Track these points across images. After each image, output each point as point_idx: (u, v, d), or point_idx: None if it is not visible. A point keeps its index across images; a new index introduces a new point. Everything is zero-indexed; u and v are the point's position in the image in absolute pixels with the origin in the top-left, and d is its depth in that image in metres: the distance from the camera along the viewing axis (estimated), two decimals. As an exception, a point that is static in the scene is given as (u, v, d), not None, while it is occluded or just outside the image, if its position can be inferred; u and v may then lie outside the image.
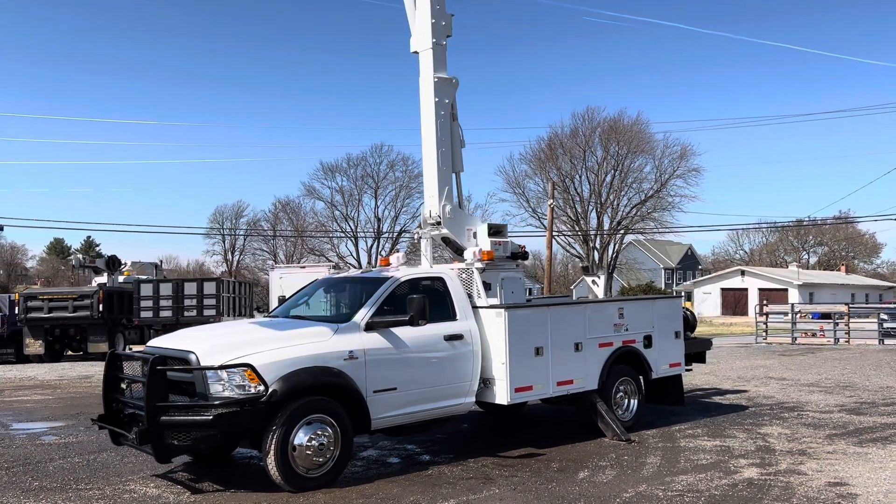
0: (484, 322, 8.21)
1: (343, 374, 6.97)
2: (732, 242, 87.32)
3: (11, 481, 7.18)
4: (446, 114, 9.62)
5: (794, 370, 16.55)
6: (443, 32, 9.68)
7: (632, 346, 9.45)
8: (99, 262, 25.88)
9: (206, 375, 6.48)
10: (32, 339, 22.10)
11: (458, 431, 9.62)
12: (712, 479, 6.92)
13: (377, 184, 63.56)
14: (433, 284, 8.18)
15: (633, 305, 9.75)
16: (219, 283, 23.47)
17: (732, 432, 9.19)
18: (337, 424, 6.84)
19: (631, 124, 57.14)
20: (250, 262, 71.89)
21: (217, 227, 71.15)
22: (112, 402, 7.19)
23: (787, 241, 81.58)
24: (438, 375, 7.74)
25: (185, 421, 6.38)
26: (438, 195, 9.29)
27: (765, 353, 21.76)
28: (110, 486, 6.93)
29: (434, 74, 9.46)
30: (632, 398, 9.49)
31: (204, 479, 7.19)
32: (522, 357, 8.19)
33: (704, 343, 11.33)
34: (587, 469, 7.38)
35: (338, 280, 8.77)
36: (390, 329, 7.41)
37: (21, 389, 15.32)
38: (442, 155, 9.47)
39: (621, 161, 56.80)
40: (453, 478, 7.12)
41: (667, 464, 7.56)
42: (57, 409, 12.10)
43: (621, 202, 57.51)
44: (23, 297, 22.21)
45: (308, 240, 64.37)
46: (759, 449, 8.22)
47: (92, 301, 21.95)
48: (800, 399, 11.99)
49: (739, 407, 11.23)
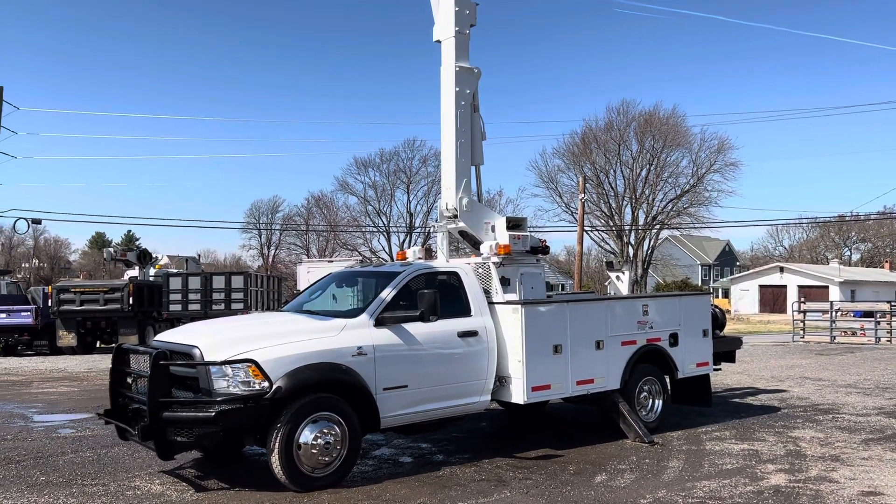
0: (500, 318, 7.94)
1: (351, 370, 6.76)
2: (772, 238, 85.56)
3: (19, 475, 7.12)
4: (467, 104, 9.36)
5: (831, 370, 15.96)
6: (466, 21, 9.43)
7: (656, 345, 9.10)
8: (130, 255, 26.11)
9: (210, 371, 6.32)
10: (65, 332, 22.35)
11: (477, 430, 9.37)
12: (737, 485, 6.57)
13: (409, 178, 63.46)
14: (447, 279, 7.93)
15: (658, 302, 9.39)
16: (246, 276, 23.52)
17: (762, 435, 8.79)
18: (344, 423, 6.63)
19: (667, 117, 56.11)
20: (285, 257, 72.47)
21: (253, 221, 71.83)
22: (118, 397, 7.08)
23: (828, 237, 79.47)
24: (451, 373, 7.49)
25: (188, 417, 6.22)
26: (456, 187, 9.03)
27: (802, 352, 21.10)
28: (115, 482, 6.82)
29: (455, 63, 9.22)
30: (656, 398, 9.14)
31: (211, 477, 7.05)
32: (540, 355, 7.90)
33: (734, 342, 10.91)
34: (605, 472, 7.07)
35: (350, 274, 8.56)
36: (401, 325, 7.18)
37: (49, 381, 15.47)
38: (461, 146, 9.21)
39: (657, 155, 55.82)
40: (465, 479, 6.88)
41: (689, 468, 7.22)
42: (79, 402, 12.13)
43: (657, 197, 56.57)
44: (55, 290, 22.47)
45: (340, 234, 64.59)
46: (789, 454, 7.83)
47: (122, 294, 22.12)
48: (836, 401, 11.50)
49: (771, 408, 10.79)
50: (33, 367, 18.74)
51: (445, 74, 9.35)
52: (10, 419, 10.40)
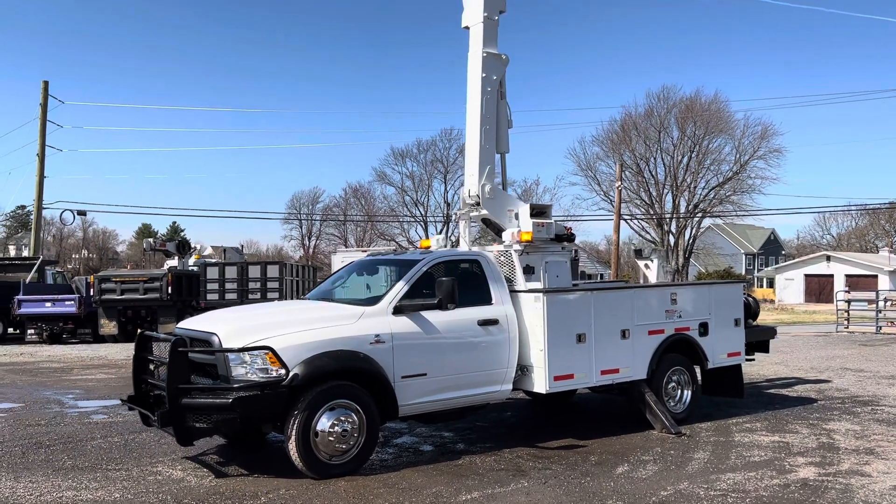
0: (522, 307, 7.83)
1: (369, 358, 6.73)
2: (819, 227, 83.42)
3: (47, 459, 7.27)
4: (493, 90, 9.24)
5: (874, 361, 15.47)
6: (495, 7, 9.32)
7: (685, 334, 8.89)
8: (169, 245, 26.55)
9: (228, 358, 6.35)
10: (107, 320, 22.84)
11: (501, 420, 9.29)
12: (762, 478, 6.38)
13: (446, 168, 63.35)
14: (468, 267, 7.85)
15: (687, 291, 9.18)
16: (281, 266, 23.72)
17: (795, 427, 8.54)
18: (362, 410, 6.61)
19: (708, 103, 54.94)
20: (325, 247, 73.10)
21: (294, 212, 72.57)
22: (141, 384, 7.17)
23: (878, 224, 77.11)
24: (471, 361, 7.41)
25: (205, 403, 6.27)
26: (479, 174, 8.93)
27: (845, 342, 20.51)
28: (139, 468, 6.92)
29: (483, 49, 9.13)
30: (685, 389, 8.95)
31: (232, 463, 7.11)
32: (562, 344, 7.78)
33: (767, 332, 10.62)
34: (627, 463, 6.94)
35: (371, 262, 8.53)
36: (420, 313, 7.13)
37: (89, 368, 15.81)
38: (485, 133, 9.11)
39: (698, 142, 54.71)
40: (483, 468, 6.81)
41: (715, 460, 7.04)
42: (115, 389, 12.35)
43: (698, 185, 55.51)
44: (97, 280, 22.96)
45: (378, 225, 64.88)
46: (821, 446, 7.58)
47: (161, 284, 22.49)
48: (876, 392, 11.13)
49: (807, 400, 10.49)
50: (76, 354, 19.19)
51: (473, 60, 9.25)
52: (46, 405, 10.65)
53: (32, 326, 23.09)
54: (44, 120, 31.37)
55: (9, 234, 77.89)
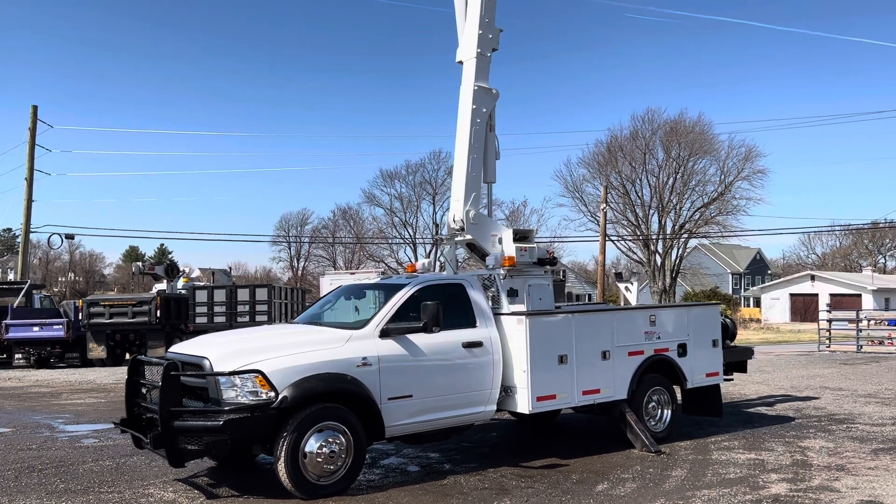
0: (505, 329, 8.08)
1: (356, 380, 6.94)
2: (804, 246, 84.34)
3: (40, 483, 7.41)
4: (482, 122, 9.57)
5: (852, 380, 15.78)
6: (488, 45, 9.70)
7: (664, 355, 9.15)
8: (158, 269, 26.56)
9: (219, 381, 6.54)
10: (95, 344, 22.85)
11: (486, 440, 9.49)
12: (736, 494, 6.62)
13: (435, 190, 63.73)
14: (452, 291, 8.07)
15: (665, 313, 9.45)
16: (270, 289, 23.86)
17: (771, 445, 8.79)
18: (349, 432, 6.81)
19: (693, 125, 55.75)
20: (314, 269, 73.11)
21: (283, 234, 72.64)
22: (134, 407, 7.34)
23: (861, 244, 78.15)
24: (456, 383, 7.63)
25: (196, 426, 6.45)
26: (464, 199, 9.20)
27: (826, 361, 20.84)
28: (130, 490, 7.07)
29: (475, 83, 9.49)
30: (665, 408, 9.18)
31: (223, 485, 7.27)
32: (545, 365, 8.01)
33: (745, 352, 10.90)
34: (607, 481, 7.15)
35: (358, 286, 8.77)
36: (406, 336, 7.35)
37: (77, 392, 15.87)
38: (472, 161, 9.40)
39: (683, 163, 55.42)
40: (468, 488, 7.01)
41: (692, 477, 7.28)
42: (105, 413, 12.45)
43: (684, 205, 56.15)
44: (86, 304, 23.00)
45: (367, 246, 65.05)
46: (794, 463, 7.83)
47: (150, 307, 22.56)
48: (852, 411, 11.41)
49: (785, 418, 10.75)
50: (64, 378, 19.21)
51: (464, 92, 9.61)
52: (36, 429, 10.75)
53: (20, 351, 23.04)
54: (32, 144, 31.48)
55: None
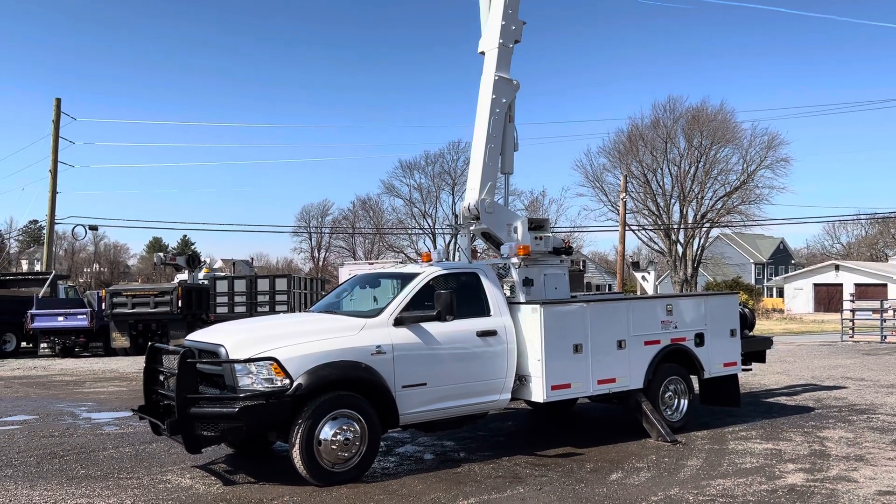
0: (520, 318, 8.07)
1: (370, 368, 6.98)
2: (828, 236, 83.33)
3: (61, 469, 7.54)
4: (501, 112, 9.53)
5: (875, 370, 15.59)
6: (511, 36, 9.66)
7: (681, 345, 9.09)
8: (179, 259, 26.87)
9: (235, 368, 6.61)
10: (118, 334, 23.14)
11: (501, 429, 9.50)
12: (752, 484, 6.57)
13: (454, 180, 63.67)
14: (467, 280, 8.08)
15: (682, 302, 9.39)
16: (290, 279, 24.06)
17: (789, 435, 8.72)
18: (364, 419, 6.85)
19: (715, 113, 55.16)
20: (335, 259, 73.48)
21: (304, 225, 73.05)
22: (152, 394, 7.44)
23: (888, 233, 76.94)
24: (470, 371, 7.64)
25: (212, 412, 6.52)
26: (480, 189, 9.17)
27: (848, 352, 20.59)
28: (149, 476, 7.17)
29: (496, 73, 9.46)
30: (682, 398, 9.13)
31: (239, 471, 7.36)
32: (560, 354, 8.00)
33: (764, 342, 10.80)
34: (622, 470, 7.14)
35: (373, 275, 8.80)
36: (420, 324, 7.37)
37: (100, 381, 16.11)
38: (490, 151, 9.37)
39: (705, 152, 54.88)
40: (482, 476, 7.03)
41: (707, 467, 7.24)
42: (126, 401, 12.62)
43: (706, 195, 55.63)
44: (108, 294, 23.28)
45: (387, 237, 65.23)
46: (812, 453, 7.76)
47: (171, 297, 22.79)
48: (874, 401, 11.27)
49: (804, 408, 10.65)
50: (87, 367, 19.51)
51: (485, 82, 9.58)
52: (59, 417, 10.93)
53: (45, 340, 23.43)
54: (56, 136, 31.90)
55: (21, 249, 78.75)
